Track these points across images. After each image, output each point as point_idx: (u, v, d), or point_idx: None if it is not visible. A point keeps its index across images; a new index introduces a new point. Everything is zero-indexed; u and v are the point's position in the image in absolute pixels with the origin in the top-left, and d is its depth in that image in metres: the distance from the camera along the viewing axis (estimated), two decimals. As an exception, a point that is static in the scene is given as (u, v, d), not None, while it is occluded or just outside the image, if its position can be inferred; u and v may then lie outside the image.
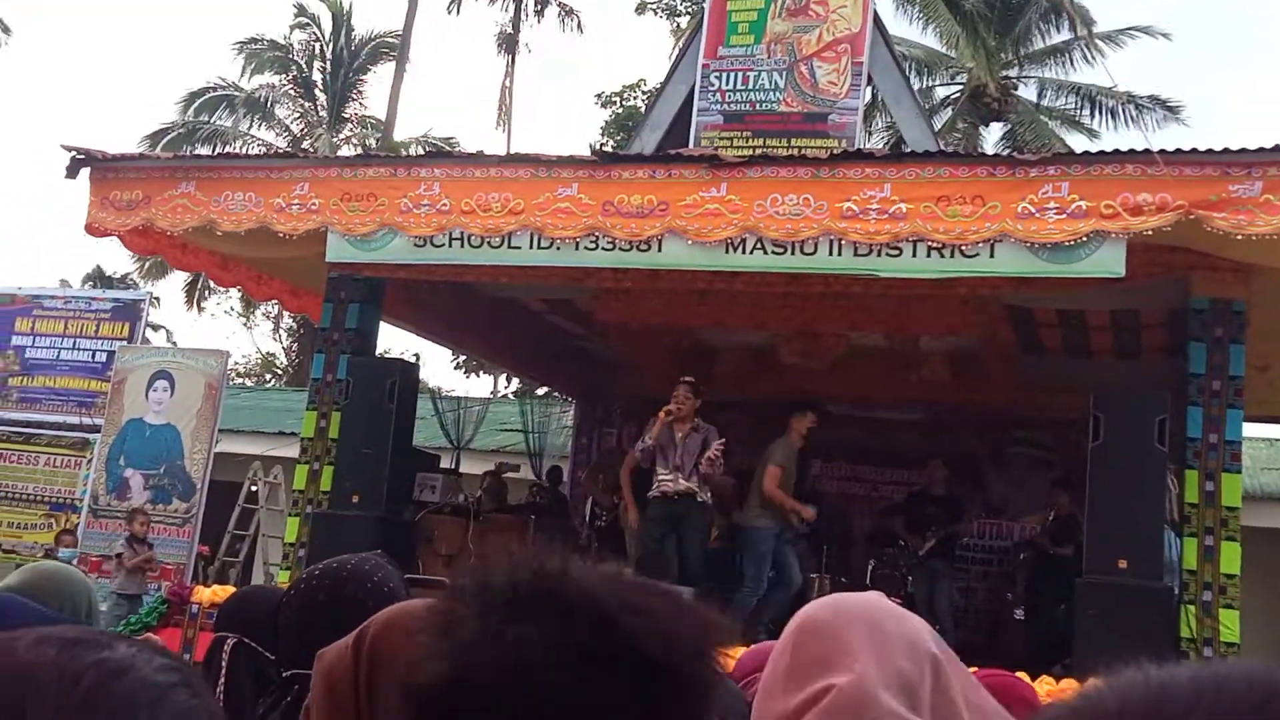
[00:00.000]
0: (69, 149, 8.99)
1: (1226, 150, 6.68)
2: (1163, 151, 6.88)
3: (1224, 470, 7.53)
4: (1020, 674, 6.25)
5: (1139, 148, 6.93)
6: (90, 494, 11.93)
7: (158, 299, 30.39)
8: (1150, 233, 6.71)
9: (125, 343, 12.77)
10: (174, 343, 29.46)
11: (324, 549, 8.34)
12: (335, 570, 2.02)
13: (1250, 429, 14.33)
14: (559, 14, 31.38)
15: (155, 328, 29.89)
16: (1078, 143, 22.47)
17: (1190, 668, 0.63)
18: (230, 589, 8.79)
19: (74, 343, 13.17)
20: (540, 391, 17.65)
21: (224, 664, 2.60)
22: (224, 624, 2.84)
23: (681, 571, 8.59)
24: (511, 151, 8.81)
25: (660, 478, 8.88)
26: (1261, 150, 6.60)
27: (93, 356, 13.03)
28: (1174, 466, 7.76)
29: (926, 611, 10.08)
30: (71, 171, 8.97)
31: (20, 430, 12.91)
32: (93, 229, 9.03)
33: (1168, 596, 7.49)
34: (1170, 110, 22.42)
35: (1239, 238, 6.59)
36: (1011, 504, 11.89)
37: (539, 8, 31.46)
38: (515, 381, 25.26)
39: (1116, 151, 6.96)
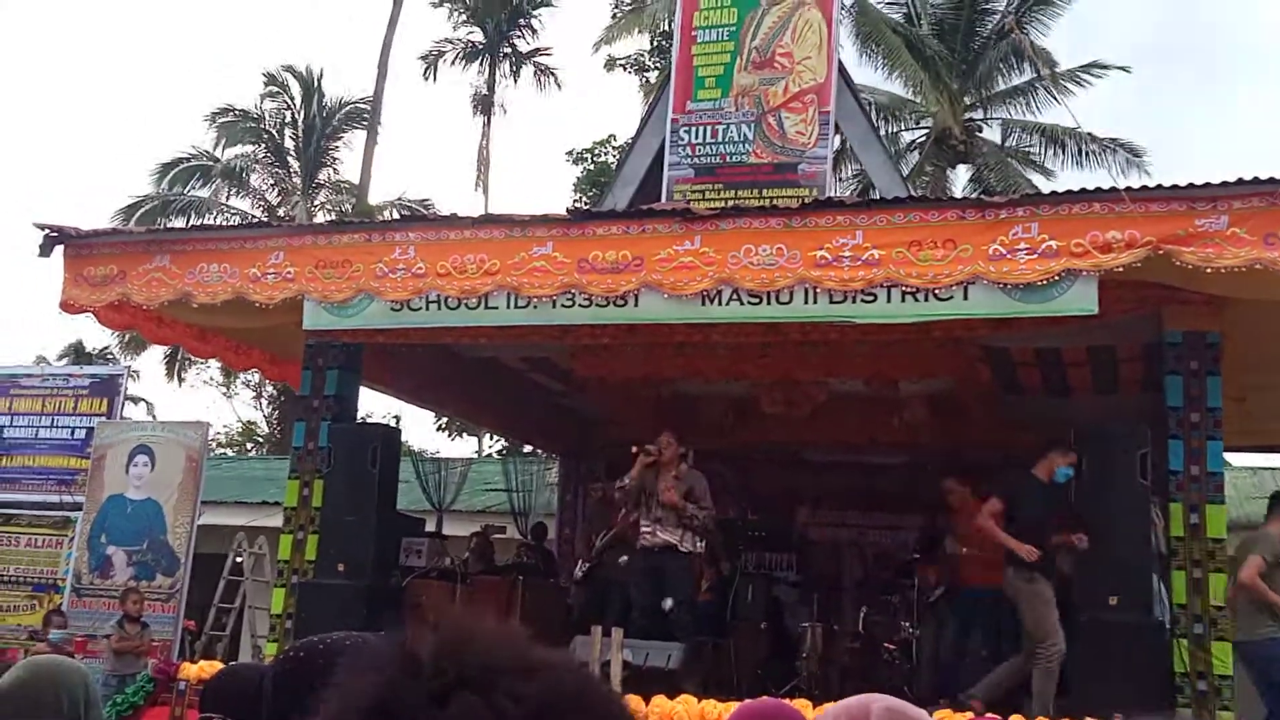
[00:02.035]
0: (41, 227, 8.98)
1: (1191, 185, 6.75)
2: (1129, 189, 6.96)
3: (1208, 502, 7.55)
4: (1016, 717, 6.23)
5: (1105, 186, 7.02)
6: (73, 573, 11.79)
7: (137, 373, 30.24)
8: (1121, 269, 6.76)
9: (104, 418, 12.67)
10: (154, 416, 29.31)
11: (311, 619, 8.27)
12: (314, 643, 2.02)
13: (1234, 459, 14.41)
14: (535, 73, 31.73)
15: (135, 401, 29.74)
16: (1038, 183, 22.73)
17: None
18: (217, 664, 8.68)
19: (52, 420, 13.06)
20: (524, 449, 17.62)
21: (208, 746, 2.56)
22: (208, 704, 2.82)
23: (667, 626, 8.54)
24: (489, 212, 8.84)
25: (643, 529, 8.86)
26: (1225, 184, 6.67)
27: (72, 434, 12.91)
28: (1158, 500, 7.78)
29: (931, 656, 9.95)
30: (45, 250, 8.95)
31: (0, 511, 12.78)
32: (68, 306, 9.00)
33: (1159, 631, 7.48)
34: (1133, 154, 22.68)
35: (1209, 271, 6.65)
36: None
37: (514, 69, 31.79)
38: (500, 440, 25.21)
39: (1084, 190, 7.03)
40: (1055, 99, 22.86)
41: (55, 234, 8.96)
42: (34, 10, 57.21)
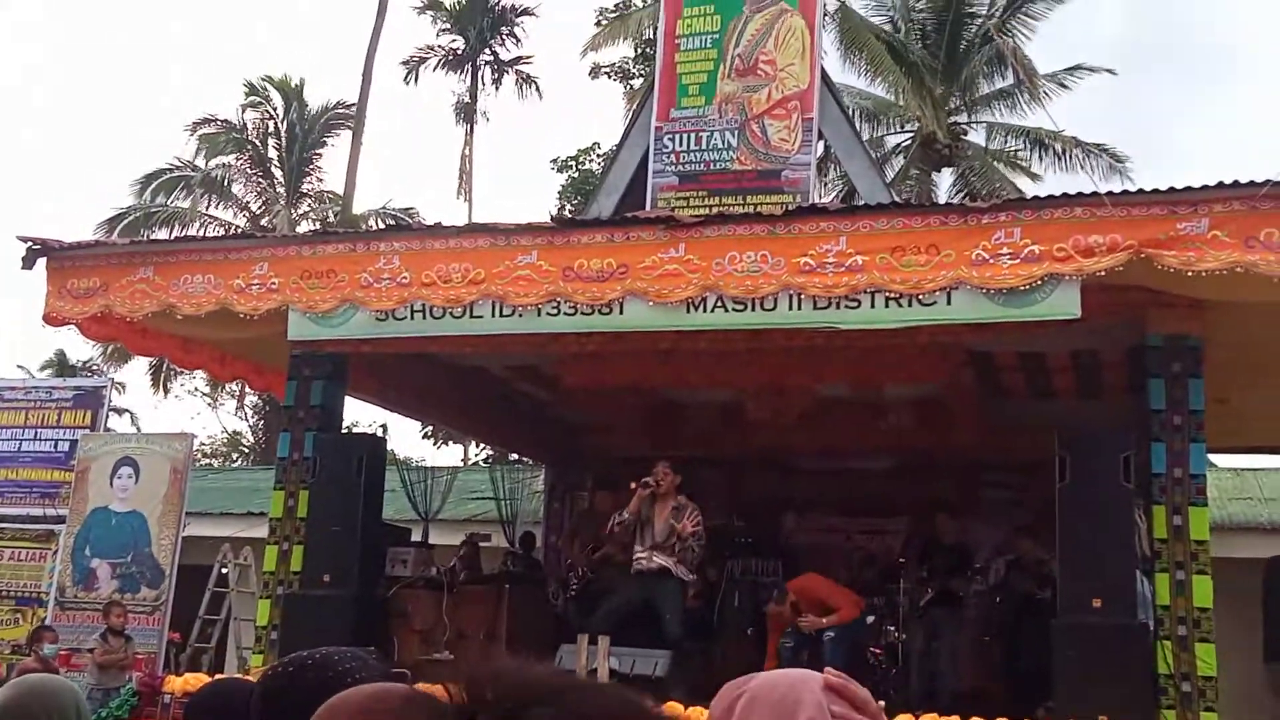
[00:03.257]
0: (25, 239, 8.95)
1: (1172, 189, 6.80)
2: (1110, 193, 7.01)
3: (1190, 504, 7.57)
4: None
5: (1087, 190, 7.06)
6: (57, 586, 11.74)
7: (122, 384, 30.16)
8: (1103, 273, 6.80)
9: (88, 430, 12.62)
10: (138, 427, 29.19)
11: (297, 631, 8.24)
12: (303, 658, 2.02)
13: (1218, 460, 14.47)
14: (516, 82, 31.76)
15: (120, 412, 29.62)
16: (1024, 186, 22.76)
17: None
18: (203, 677, 8.65)
19: (35, 433, 13.01)
20: (511, 457, 17.57)
21: (195, 760, 2.56)
22: (195, 717, 2.80)
23: (661, 640, 8.59)
24: (472, 221, 8.85)
25: (637, 554, 8.90)
26: (1206, 188, 6.73)
27: (55, 446, 12.86)
28: (1141, 502, 7.81)
29: (920, 662, 9.92)
30: (28, 262, 8.92)
31: (-17, 525, 12.71)
32: (51, 319, 8.97)
33: (1143, 633, 7.50)
34: (1116, 160, 22.67)
35: (1190, 274, 6.69)
36: (984, 547, 11.88)
37: (496, 77, 31.82)
38: (486, 448, 25.16)
39: (1065, 195, 7.08)
40: (1038, 104, 22.96)
41: (38, 246, 8.92)
42: (9, 23, 57.02)
